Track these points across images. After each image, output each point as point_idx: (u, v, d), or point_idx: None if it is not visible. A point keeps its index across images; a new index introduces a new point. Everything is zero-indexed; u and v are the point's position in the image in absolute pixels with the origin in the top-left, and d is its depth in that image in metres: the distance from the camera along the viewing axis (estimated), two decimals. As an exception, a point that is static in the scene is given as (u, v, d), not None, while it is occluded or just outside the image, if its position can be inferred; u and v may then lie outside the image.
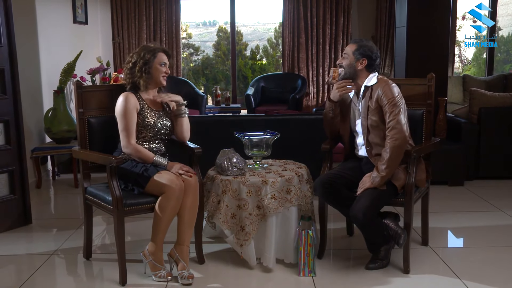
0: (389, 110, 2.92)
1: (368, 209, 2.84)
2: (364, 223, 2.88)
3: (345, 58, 3.06)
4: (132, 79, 3.03)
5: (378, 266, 3.02)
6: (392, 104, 2.92)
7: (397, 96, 2.95)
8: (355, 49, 3.03)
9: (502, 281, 2.89)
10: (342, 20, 7.75)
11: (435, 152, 3.35)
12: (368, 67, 3.03)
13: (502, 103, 4.94)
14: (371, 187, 2.89)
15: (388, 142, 2.90)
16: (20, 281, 2.96)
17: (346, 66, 3.06)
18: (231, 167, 3.07)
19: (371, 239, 3.01)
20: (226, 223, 2.99)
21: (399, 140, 2.88)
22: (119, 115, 2.98)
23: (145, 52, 3.01)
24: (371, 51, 3.03)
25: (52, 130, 5.01)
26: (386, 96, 2.94)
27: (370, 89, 3.02)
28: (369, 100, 3.00)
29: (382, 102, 2.94)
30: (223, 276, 3.01)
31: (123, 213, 2.83)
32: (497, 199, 4.38)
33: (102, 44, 7.31)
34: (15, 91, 3.79)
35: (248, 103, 7.38)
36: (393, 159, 2.88)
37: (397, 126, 2.89)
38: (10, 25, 3.74)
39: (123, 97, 2.99)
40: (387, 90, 2.94)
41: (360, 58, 3.02)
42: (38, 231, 3.83)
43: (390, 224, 2.98)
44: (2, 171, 3.76)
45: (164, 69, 3.06)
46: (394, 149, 2.87)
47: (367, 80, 3.04)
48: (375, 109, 2.98)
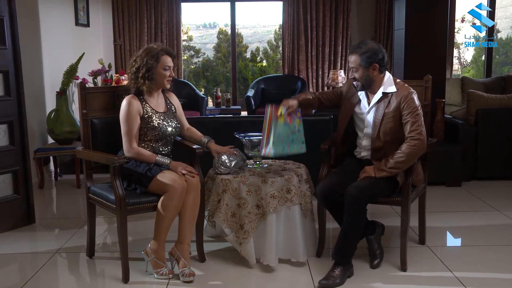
0: (411, 120, 2.90)
1: (364, 190, 2.88)
2: (355, 200, 2.85)
3: (356, 71, 3.00)
4: (136, 85, 3.06)
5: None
6: (415, 114, 2.91)
7: (419, 106, 2.95)
8: (360, 60, 2.95)
9: (498, 279, 2.95)
10: (342, 23, 7.81)
11: (433, 153, 3.40)
12: (381, 68, 2.99)
13: (499, 104, 5.00)
14: (371, 175, 2.95)
15: (407, 146, 2.88)
16: (25, 278, 3.02)
17: (360, 78, 2.99)
18: (218, 165, 3.14)
19: (351, 223, 2.92)
20: (226, 222, 3.04)
21: (418, 148, 2.88)
22: (122, 119, 3.03)
23: (148, 58, 3.01)
24: (375, 53, 2.96)
25: (55, 131, 5.06)
26: (409, 106, 2.91)
27: (390, 95, 2.99)
28: (387, 106, 2.97)
29: (404, 111, 2.93)
30: (224, 273, 3.06)
31: (126, 211, 2.88)
32: (494, 199, 4.43)
33: (104, 46, 7.37)
34: (19, 93, 3.85)
35: (248, 104, 7.44)
36: (405, 162, 2.90)
37: (421, 137, 2.89)
38: (15, 28, 3.80)
39: (126, 101, 3.03)
40: (410, 101, 2.92)
41: (370, 65, 2.96)
42: (41, 230, 3.89)
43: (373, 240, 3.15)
44: (7, 171, 3.82)
45: (168, 73, 3.08)
46: (411, 154, 2.88)
47: (384, 85, 3.00)
48: (393, 116, 2.96)
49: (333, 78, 7.32)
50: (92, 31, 6.85)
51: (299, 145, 3.11)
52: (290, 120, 3.04)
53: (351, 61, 2.99)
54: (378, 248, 3.14)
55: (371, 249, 3.14)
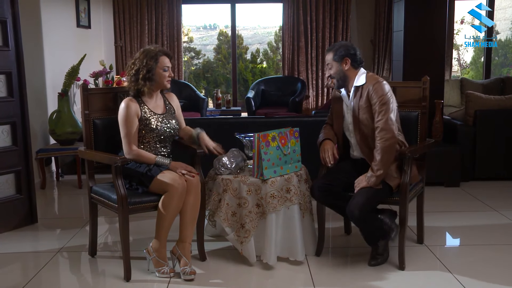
0: (378, 109, 2.97)
1: (364, 206, 2.92)
2: (360, 219, 2.96)
3: (330, 68, 3.14)
4: (137, 87, 3.08)
5: (380, 262, 3.11)
6: (381, 103, 2.97)
7: (387, 94, 2.99)
8: (333, 55, 3.10)
9: (495, 277, 2.98)
10: (341, 24, 7.85)
11: (431, 154, 3.43)
12: (353, 63, 3.09)
13: (497, 105, 5.03)
14: (367, 186, 2.98)
15: (378, 143, 2.97)
16: (27, 277, 3.06)
17: (335, 73, 3.13)
18: (219, 167, 3.19)
19: (368, 234, 3.10)
20: (226, 221, 3.08)
21: (388, 140, 2.95)
22: (120, 122, 3.06)
23: (147, 59, 3.05)
24: (347, 49, 3.09)
25: (56, 132, 5.10)
26: (376, 94, 2.99)
27: (360, 88, 3.08)
28: (360, 99, 3.06)
29: (372, 100, 3.00)
30: (224, 272, 3.10)
31: (128, 211, 2.92)
32: (492, 199, 4.47)
33: (105, 48, 7.41)
34: (21, 94, 3.89)
35: (248, 106, 7.48)
36: (385, 159, 2.96)
37: (385, 126, 2.95)
38: (18, 30, 3.84)
39: (124, 103, 3.06)
40: (377, 88, 2.99)
41: (342, 60, 3.09)
42: (43, 230, 3.93)
43: (385, 219, 3.08)
44: (9, 171, 3.85)
45: (167, 73, 3.12)
46: (385, 149, 2.95)
47: (356, 79, 3.10)
48: (366, 107, 3.04)
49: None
50: (93, 32, 6.89)
51: (294, 164, 3.23)
52: (285, 141, 3.16)
53: (327, 59, 3.17)
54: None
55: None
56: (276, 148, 3.12)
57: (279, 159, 3.13)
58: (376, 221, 3.07)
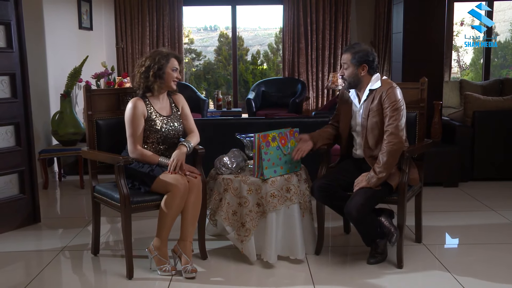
0: (390, 114, 3.02)
1: (362, 206, 2.96)
2: (358, 220, 3.01)
3: (346, 68, 3.13)
4: (146, 83, 3.12)
5: (378, 260, 3.14)
6: (394, 108, 3.01)
7: (400, 100, 3.04)
8: (352, 58, 3.10)
9: (493, 276, 3.01)
10: (341, 26, 7.89)
11: (430, 154, 3.47)
12: (370, 70, 3.13)
13: (495, 107, 5.08)
14: (366, 186, 3.02)
15: (385, 146, 3.00)
16: (31, 276, 3.10)
17: (349, 76, 3.13)
18: (220, 166, 3.23)
19: (366, 234, 3.14)
20: (227, 220, 3.13)
21: (396, 145, 2.99)
22: (127, 121, 3.10)
23: (159, 57, 3.11)
24: (367, 55, 3.11)
25: (59, 133, 5.14)
26: (389, 99, 3.03)
27: (374, 91, 3.11)
28: (372, 102, 3.10)
29: (385, 104, 3.04)
30: (225, 270, 3.14)
31: (130, 210, 2.97)
32: (490, 199, 4.50)
33: (106, 49, 7.46)
34: (25, 95, 3.93)
35: (249, 107, 7.52)
36: (390, 162, 2.99)
37: (395, 131, 3.00)
38: (21, 32, 3.88)
39: (132, 103, 3.11)
40: (390, 93, 3.04)
41: (360, 65, 3.10)
42: (46, 229, 3.97)
43: (384, 222, 3.12)
44: (13, 171, 3.89)
45: (175, 74, 3.17)
46: (391, 153, 2.99)
47: (371, 83, 3.13)
48: (377, 110, 3.07)
49: (333, 81, 7.41)
50: (95, 34, 6.94)
51: (294, 164, 3.27)
52: (285, 141, 3.21)
53: (344, 58, 3.15)
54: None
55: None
56: (276, 148, 3.17)
57: (279, 159, 3.18)
58: (374, 223, 3.10)
